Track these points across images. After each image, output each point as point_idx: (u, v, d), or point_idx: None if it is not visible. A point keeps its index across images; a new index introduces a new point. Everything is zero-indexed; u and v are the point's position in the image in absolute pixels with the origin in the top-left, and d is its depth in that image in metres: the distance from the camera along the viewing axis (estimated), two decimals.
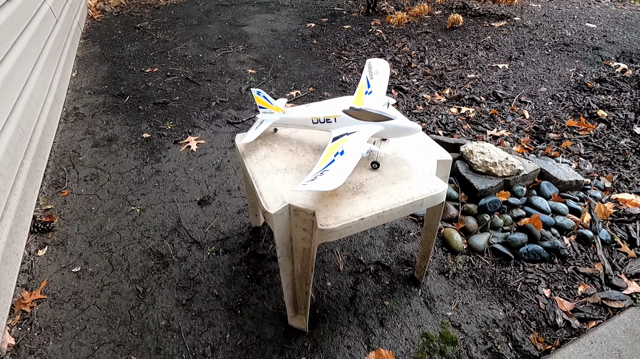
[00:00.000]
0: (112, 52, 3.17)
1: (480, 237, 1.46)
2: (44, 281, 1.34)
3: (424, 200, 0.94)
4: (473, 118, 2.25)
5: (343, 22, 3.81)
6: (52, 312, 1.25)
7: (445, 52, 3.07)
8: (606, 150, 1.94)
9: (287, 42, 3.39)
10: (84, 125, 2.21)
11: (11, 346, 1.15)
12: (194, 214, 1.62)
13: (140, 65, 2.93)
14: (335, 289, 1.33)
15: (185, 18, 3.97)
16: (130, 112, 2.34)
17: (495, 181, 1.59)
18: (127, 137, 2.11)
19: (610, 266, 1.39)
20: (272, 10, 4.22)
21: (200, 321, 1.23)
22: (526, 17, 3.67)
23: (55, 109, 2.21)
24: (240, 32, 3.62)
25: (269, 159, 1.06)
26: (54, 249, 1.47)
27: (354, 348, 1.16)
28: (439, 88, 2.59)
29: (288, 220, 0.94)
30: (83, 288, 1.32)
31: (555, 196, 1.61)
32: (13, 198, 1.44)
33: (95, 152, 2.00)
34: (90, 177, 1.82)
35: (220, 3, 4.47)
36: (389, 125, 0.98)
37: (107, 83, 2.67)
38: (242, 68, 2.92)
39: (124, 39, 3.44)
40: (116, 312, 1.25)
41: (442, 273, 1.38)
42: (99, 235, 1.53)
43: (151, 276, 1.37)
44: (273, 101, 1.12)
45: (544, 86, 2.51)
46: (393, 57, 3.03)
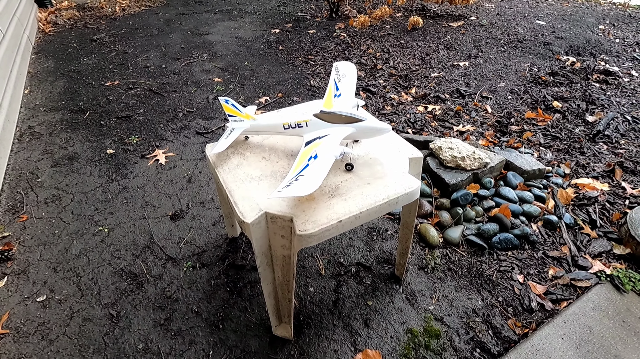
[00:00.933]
0: (67, 66, 3.02)
1: (454, 230, 1.51)
2: (5, 315, 1.25)
3: (399, 198, 0.95)
4: (439, 116, 2.32)
5: (307, 27, 3.83)
6: (16, 347, 1.16)
7: (408, 53, 3.16)
8: (563, 138, 2.05)
9: (252, 49, 3.37)
10: (41, 144, 2.09)
11: None
12: (167, 229, 1.56)
13: (99, 79, 2.81)
14: (318, 294, 1.32)
15: (145, 28, 3.85)
16: (92, 127, 2.24)
17: (465, 175, 1.64)
18: (89, 154, 2.01)
19: (575, 248, 1.47)
20: (234, 18, 4.18)
21: (180, 340, 1.18)
22: (481, 16, 3.85)
23: (8, 129, 2.07)
24: (203, 40, 3.56)
25: (242, 168, 1.04)
26: (14, 279, 1.37)
27: (340, 351, 1.15)
28: (405, 88, 2.65)
29: (266, 229, 0.93)
30: (50, 318, 1.24)
31: (521, 186, 1.68)
32: None
33: (55, 172, 1.89)
34: (51, 199, 1.72)
35: (180, 12, 4.38)
36: (359, 126, 0.99)
37: (64, 99, 2.54)
38: (207, 77, 2.86)
39: (79, 52, 3.29)
40: (89, 340, 1.18)
41: (421, 268, 1.40)
42: (64, 259, 1.44)
43: (125, 298, 1.30)
44: (242, 109, 1.11)
45: (503, 81, 2.63)
46: (359, 60, 3.08)
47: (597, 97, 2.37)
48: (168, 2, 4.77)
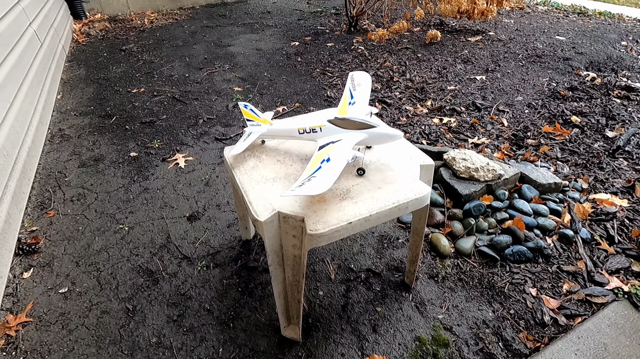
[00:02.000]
0: (97, 74, 3.19)
1: (466, 241, 1.50)
2: (30, 304, 1.31)
3: (409, 202, 0.97)
4: (455, 128, 2.33)
5: (326, 40, 3.92)
6: (38, 335, 1.22)
7: (425, 66, 3.19)
8: (581, 153, 2.02)
9: (272, 61, 3.47)
10: (70, 146, 2.20)
11: None
12: (183, 230, 1.62)
13: (126, 86, 2.95)
14: (327, 298, 1.33)
15: (171, 39, 4.03)
16: (117, 131, 2.35)
17: (478, 186, 1.64)
18: (114, 157, 2.11)
19: (592, 263, 1.44)
20: (256, 31, 4.32)
21: (192, 336, 1.22)
22: (500, 31, 3.86)
23: (40, 131, 2.20)
24: (225, 51, 3.69)
25: (257, 169, 1.08)
26: (39, 271, 1.44)
27: (348, 355, 1.16)
28: (420, 100, 2.68)
29: (278, 228, 0.96)
30: (70, 309, 1.30)
31: (536, 199, 1.67)
32: None
33: (81, 172, 1.98)
34: (76, 197, 1.81)
35: (205, 25, 4.56)
36: (372, 132, 1.02)
37: (93, 105, 2.67)
38: (228, 86, 2.96)
39: (109, 61, 3.46)
40: (105, 332, 1.23)
41: (431, 277, 1.40)
42: (86, 254, 1.51)
43: (141, 293, 1.35)
44: (260, 114, 1.16)
45: (520, 95, 2.63)
46: (376, 72, 3.13)
47: (618, 113, 2.33)
48: (194, 16, 4.98)
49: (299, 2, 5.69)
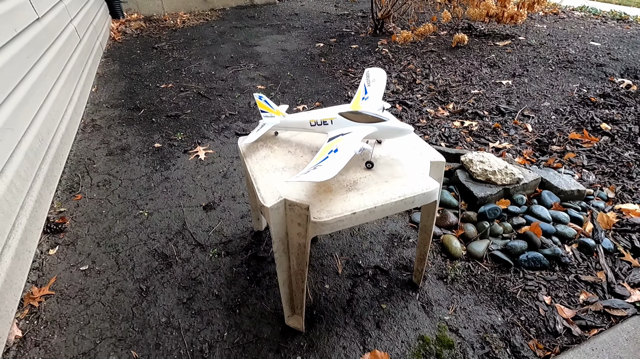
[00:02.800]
0: (130, 69, 3.35)
1: (479, 244, 1.47)
2: (53, 278, 1.39)
3: (416, 197, 0.97)
4: (476, 131, 2.28)
5: (351, 42, 3.94)
6: (58, 307, 1.29)
7: (449, 70, 3.14)
8: (610, 162, 1.93)
9: (296, 61, 3.52)
10: (100, 135, 2.33)
11: (18, 338, 1.19)
12: (199, 218, 1.67)
13: (155, 82, 3.08)
14: (333, 291, 1.34)
15: (201, 39, 4.17)
16: (144, 123, 2.45)
17: (495, 190, 1.60)
18: (139, 147, 2.20)
19: (613, 274, 1.37)
20: (283, 32, 4.40)
21: (199, 319, 1.25)
22: (531, 36, 3.74)
23: (74, 120, 2.33)
24: (251, 51, 3.78)
25: (268, 159, 1.11)
26: (64, 248, 1.53)
27: (349, 349, 1.16)
28: (442, 103, 2.64)
29: (284, 215, 0.98)
30: (89, 286, 1.37)
31: (557, 206, 1.61)
32: (29, 199, 1.52)
33: (109, 160, 2.09)
34: (102, 183, 1.90)
35: (234, 25, 4.69)
36: (382, 126, 1.02)
37: (123, 98, 2.81)
38: (251, 84, 3.03)
39: (142, 58, 3.63)
40: (119, 309, 1.29)
41: (440, 278, 1.38)
42: (107, 236, 1.58)
43: (155, 275, 1.41)
44: (274, 105, 1.19)
45: (547, 101, 2.54)
46: (398, 74, 3.11)
47: None
48: (224, 17, 5.13)
49: (326, 4, 5.75)
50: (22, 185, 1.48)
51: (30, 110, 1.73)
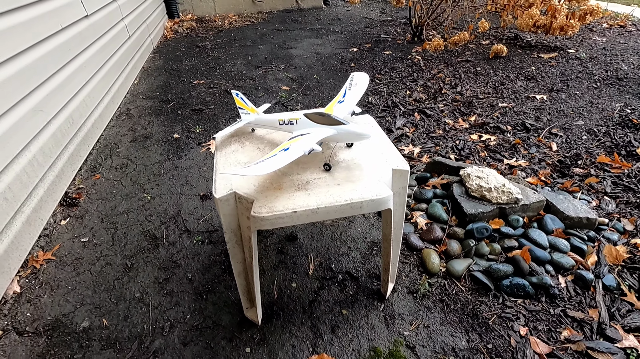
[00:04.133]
0: (172, 65, 3.61)
1: (460, 262, 1.39)
2: (57, 246, 1.56)
3: (364, 203, 0.95)
4: (493, 146, 2.15)
5: (385, 48, 3.90)
6: (55, 271, 1.45)
7: (481, 81, 2.99)
8: (638, 191, 1.72)
9: (326, 64, 3.56)
10: (130, 123, 2.54)
11: (16, 293, 1.35)
12: (193, 206, 1.77)
13: (190, 77, 3.29)
14: (298, 290, 1.35)
15: (242, 40, 4.37)
16: (170, 115, 2.64)
17: (489, 208, 1.51)
18: (160, 136, 2.38)
19: (607, 314, 1.23)
20: (321, 36, 4.47)
21: (169, 299, 1.33)
22: (583, 49, 3.44)
23: (110, 108, 2.57)
24: (286, 53, 3.89)
25: (235, 154, 1.16)
26: (73, 221, 1.70)
27: (298, 348, 1.16)
28: (464, 115, 2.52)
29: (235, 207, 1.02)
30: (84, 256, 1.51)
31: (559, 232, 1.47)
32: (50, 173, 1.72)
33: (131, 146, 2.28)
34: (120, 166, 2.08)
35: (276, 28, 4.86)
36: (340, 129, 1.02)
37: (159, 91, 3.04)
38: (277, 85, 3.13)
39: (185, 55, 3.89)
40: (103, 280, 1.41)
41: (411, 292, 1.33)
42: (111, 214, 1.73)
43: (141, 254, 1.52)
44: (249, 103, 1.23)
45: (582, 119, 2.32)
46: (425, 82, 3.03)
47: None
48: (269, 19, 5.33)
49: (372, 10, 5.74)
50: (44, 161, 1.67)
51: (65, 96, 1.95)
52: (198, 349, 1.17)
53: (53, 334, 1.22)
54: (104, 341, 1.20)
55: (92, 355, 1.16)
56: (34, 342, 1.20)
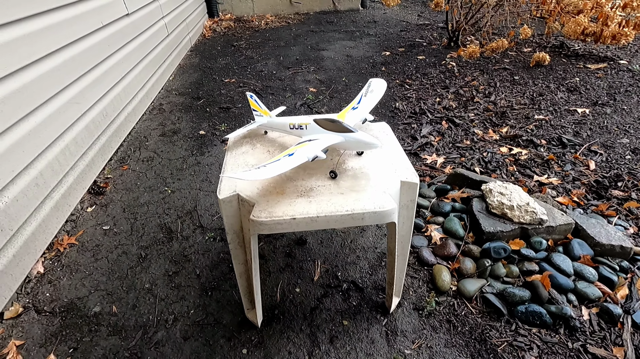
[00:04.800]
0: (206, 63, 3.72)
1: (473, 282, 1.32)
2: (81, 231, 1.65)
3: (366, 214, 0.93)
4: (523, 161, 2.03)
5: (419, 52, 3.80)
6: (76, 255, 1.53)
7: (518, 90, 2.83)
8: None
9: (356, 67, 3.53)
10: (161, 118, 2.65)
11: (39, 273, 1.44)
12: (209, 203, 1.80)
13: (222, 76, 3.38)
14: (301, 296, 1.34)
15: (276, 40, 4.43)
16: (199, 112, 2.72)
17: (509, 227, 1.42)
18: (187, 132, 2.45)
19: (635, 355, 1.11)
20: (355, 38, 4.44)
21: (176, 292, 1.37)
22: (637, 61, 3.17)
23: (144, 103, 2.69)
24: (317, 55, 3.90)
25: (245, 155, 1.16)
26: (98, 208, 1.79)
27: (294, 355, 1.15)
28: (495, 126, 2.40)
29: (237, 209, 1.02)
30: (104, 243, 1.59)
31: (586, 259, 1.36)
32: (81, 162, 1.82)
33: (159, 140, 2.37)
34: (147, 159, 2.17)
35: (311, 29, 4.88)
36: (348, 136, 1.00)
37: (191, 88, 3.15)
38: (305, 86, 3.14)
39: (219, 53, 4.00)
40: (118, 268, 1.47)
41: (417, 309, 1.28)
42: (133, 204, 1.81)
43: (155, 246, 1.57)
44: (262, 105, 1.24)
45: (627, 137, 2.13)
46: (457, 90, 2.91)
47: None
48: (304, 21, 5.36)
49: (410, 14, 5.62)
50: (76, 150, 1.77)
51: (100, 90, 2.06)
52: (197, 345, 1.19)
53: (67, 316, 1.29)
54: (111, 328, 1.25)
55: (99, 340, 1.21)
56: (50, 322, 1.27)
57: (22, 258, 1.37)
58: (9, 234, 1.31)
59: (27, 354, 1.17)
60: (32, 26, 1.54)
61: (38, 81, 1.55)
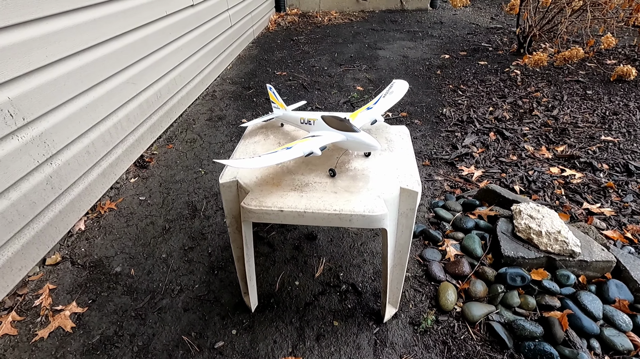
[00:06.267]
0: (263, 55, 3.87)
1: (480, 307, 1.22)
2: (121, 199, 1.83)
3: (353, 216, 0.91)
4: (574, 185, 1.82)
5: (481, 57, 3.56)
6: (112, 219, 1.70)
7: (588, 106, 2.53)
8: None
9: (410, 69, 3.42)
10: (212, 104, 2.82)
11: (80, 230, 1.64)
12: None
13: (275, 68, 3.49)
14: (298, 289, 1.35)
15: (335, 37, 4.45)
16: (246, 101, 2.84)
17: (534, 254, 1.28)
18: (231, 119, 2.58)
19: None
20: (415, 39, 4.29)
21: (186, 266, 1.46)
22: None
23: (198, 89, 2.88)
24: (373, 54, 3.84)
25: (256, 145, 1.20)
26: (140, 180, 1.97)
27: (278, 345, 1.17)
28: (551, 143, 2.17)
29: (236, 195, 1.06)
30: (137, 212, 1.75)
31: (622, 304, 1.18)
32: (131, 137, 2.01)
33: (205, 124, 2.53)
34: (190, 140, 2.33)
35: (372, 28, 4.81)
36: (350, 136, 0.99)
37: (244, 78, 3.30)
38: (353, 84, 3.12)
39: (278, 47, 4.13)
40: (143, 236, 1.61)
41: (413, 323, 1.22)
42: (169, 180, 1.96)
43: (179, 221, 1.69)
44: (279, 98, 1.26)
45: None
46: (515, 100, 2.68)
47: None
48: (368, 19, 5.30)
49: (482, 16, 5.28)
50: (127, 126, 1.97)
51: (157, 74, 2.25)
52: (194, 318, 1.27)
53: (93, 271, 1.45)
54: (126, 288, 1.38)
55: (114, 297, 1.35)
56: (79, 273, 1.44)
57: (67, 215, 1.56)
58: (57, 192, 1.50)
59: (55, 298, 1.34)
60: (99, 13, 1.74)
61: (101, 61, 1.74)
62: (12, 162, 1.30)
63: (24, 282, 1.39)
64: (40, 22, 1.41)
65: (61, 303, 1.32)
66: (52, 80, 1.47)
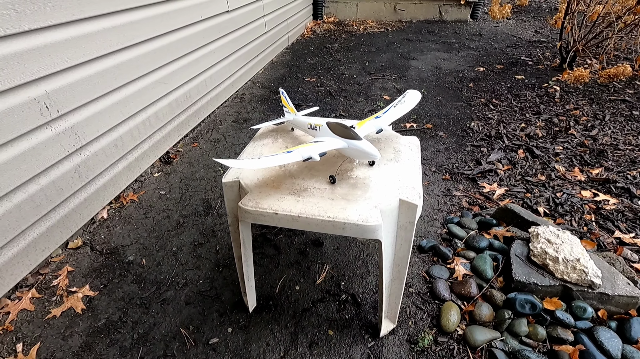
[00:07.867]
0: (295, 61, 3.93)
1: (483, 332, 1.16)
2: (143, 191, 1.92)
3: (347, 225, 0.90)
4: (607, 211, 1.68)
5: (519, 71, 3.41)
6: (132, 210, 1.79)
7: (632, 128, 2.34)
8: None
9: (441, 80, 3.34)
10: (239, 106, 2.90)
11: (102, 218, 1.73)
12: None
13: (305, 74, 3.53)
14: (298, 294, 1.35)
15: (368, 45, 4.45)
16: (272, 105, 2.90)
17: (548, 281, 1.20)
18: (256, 122, 2.64)
19: None
20: (451, 50, 4.19)
21: (194, 261, 1.50)
22: None
23: (228, 91, 2.98)
24: (404, 63, 3.79)
25: (263, 147, 1.22)
26: (162, 175, 2.06)
27: (271, 347, 1.17)
28: (586, 164, 2.03)
29: (238, 194, 1.08)
30: (155, 205, 1.83)
31: None
32: (158, 134, 2.11)
33: (231, 125, 2.61)
34: (214, 140, 2.41)
35: (407, 38, 4.76)
36: (351, 143, 0.98)
37: (274, 82, 3.37)
38: (380, 93, 3.09)
39: (311, 53, 4.19)
40: (158, 228, 1.68)
41: (410, 341, 1.18)
42: (189, 177, 2.03)
43: (193, 216, 1.74)
44: (290, 103, 1.27)
45: None
46: (551, 118, 2.54)
47: None
48: (404, 28, 5.25)
49: (525, 29, 5.07)
50: (155, 123, 2.07)
51: (188, 75, 2.36)
52: (194, 312, 1.30)
53: (109, 258, 1.53)
54: (135, 277, 1.44)
55: (123, 284, 1.41)
56: (95, 259, 1.53)
57: (91, 203, 1.66)
58: (84, 181, 1.61)
59: (72, 279, 1.43)
60: (137, 15, 1.85)
61: (135, 60, 1.85)
62: (44, 150, 1.40)
63: (46, 262, 1.49)
64: (81, 23, 1.53)
65: (76, 285, 1.40)
66: (88, 76, 1.58)
